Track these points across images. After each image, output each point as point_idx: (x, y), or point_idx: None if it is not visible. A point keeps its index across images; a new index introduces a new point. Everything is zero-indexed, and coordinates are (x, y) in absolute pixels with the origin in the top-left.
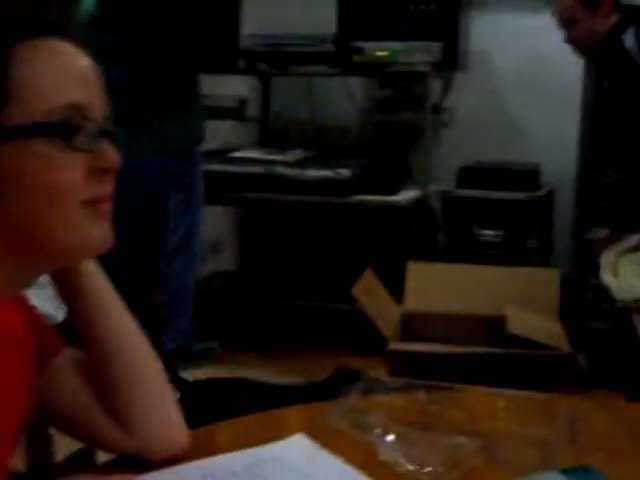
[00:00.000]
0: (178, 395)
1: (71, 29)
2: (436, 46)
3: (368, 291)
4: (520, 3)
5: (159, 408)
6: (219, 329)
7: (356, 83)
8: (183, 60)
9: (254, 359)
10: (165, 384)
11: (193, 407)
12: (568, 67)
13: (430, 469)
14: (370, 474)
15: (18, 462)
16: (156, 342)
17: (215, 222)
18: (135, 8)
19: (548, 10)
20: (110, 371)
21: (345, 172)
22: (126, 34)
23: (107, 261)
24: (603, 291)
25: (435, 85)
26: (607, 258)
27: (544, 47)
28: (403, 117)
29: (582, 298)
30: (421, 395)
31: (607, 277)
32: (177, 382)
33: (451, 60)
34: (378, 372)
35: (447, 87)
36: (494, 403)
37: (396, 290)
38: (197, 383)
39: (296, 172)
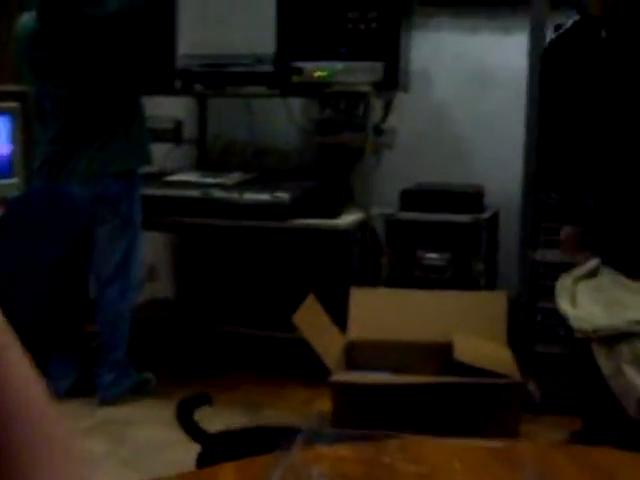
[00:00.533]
0: (199, 449)
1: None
2: (377, 66)
3: (310, 319)
4: (461, 23)
5: None
6: (156, 359)
7: (296, 104)
8: (122, 80)
9: (193, 390)
10: (75, 454)
11: (215, 462)
12: (510, 88)
13: None
14: None
15: None
16: (90, 374)
17: (151, 248)
18: (74, 25)
19: (489, 30)
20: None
21: (284, 195)
22: (66, 52)
23: (27, 292)
24: (552, 314)
25: (376, 106)
26: (563, 284)
27: (486, 67)
28: (344, 138)
29: (530, 321)
30: (369, 446)
31: (564, 305)
32: (196, 435)
33: (392, 80)
34: (322, 402)
35: (388, 108)
36: (450, 454)
37: (340, 317)
38: (219, 435)
39: (234, 196)
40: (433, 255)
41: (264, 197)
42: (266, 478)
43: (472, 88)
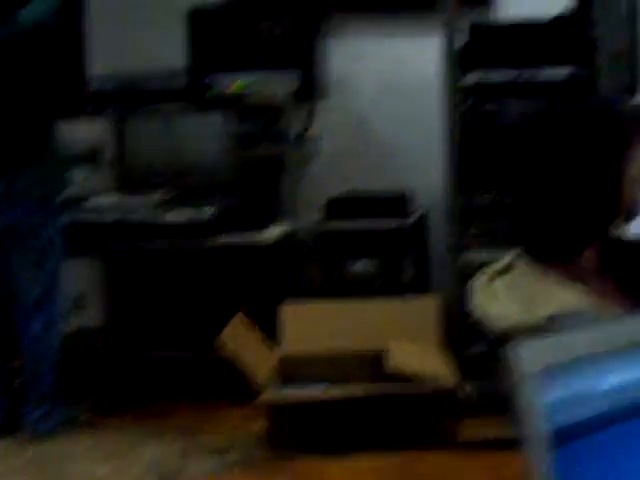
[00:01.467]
0: None
1: None
2: (293, 75)
3: (238, 337)
4: (376, 28)
5: None
6: (87, 390)
7: (215, 118)
8: (35, 103)
9: (129, 420)
10: None
11: None
12: (429, 91)
13: None
14: None
15: None
16: (18, 412)
17: (76, 275)
18: None
19: (405, 34)
20: None
21: (207, 212)
22: None
23: None
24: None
25: (297, 115)
26: (479, 282)
27: (404, 71)
28: (266, 151)
29: (464, 323)
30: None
31: (481, 304)
32: None
33: (309, 89)
34: (259, 422)
35: (310, 116)
36: (349, 473)
37: (273, 332)
38: None
39: (156, 216)
40: (362, 263)
41: (186, 216)
42: None
43: (392, 92)
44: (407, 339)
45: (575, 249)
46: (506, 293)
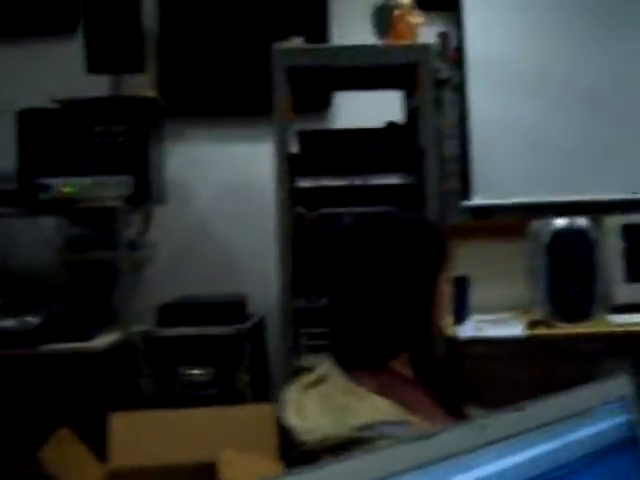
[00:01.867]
0: None
1: None
2: (126, 180)
3: (62, 452)
4: (212, 132)
5: None
6: None
7: (47, 222)
8: None
9: None
10: None
11: None
12: (266, 195)
13: None
14: None
15: None
16: None
17: None
18: None
19: (240, 138)
20: None
21: (32, 320)
22: None
23: None
24: None
25: (134, 220)
26: (289, 395)
27: (241, 175)
28: (98, 256)
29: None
30: None
31: (290, 417)
32: None
33: (144, 193)
34: None
35: (146, 221)
36: None
37: (101, 445)
38: None
39: None
40: (195, 371)
41: (10, 323)
42: None
43: (229, 196)
44: (242, 448)
45: (386, 357)
46: (318, 404)
